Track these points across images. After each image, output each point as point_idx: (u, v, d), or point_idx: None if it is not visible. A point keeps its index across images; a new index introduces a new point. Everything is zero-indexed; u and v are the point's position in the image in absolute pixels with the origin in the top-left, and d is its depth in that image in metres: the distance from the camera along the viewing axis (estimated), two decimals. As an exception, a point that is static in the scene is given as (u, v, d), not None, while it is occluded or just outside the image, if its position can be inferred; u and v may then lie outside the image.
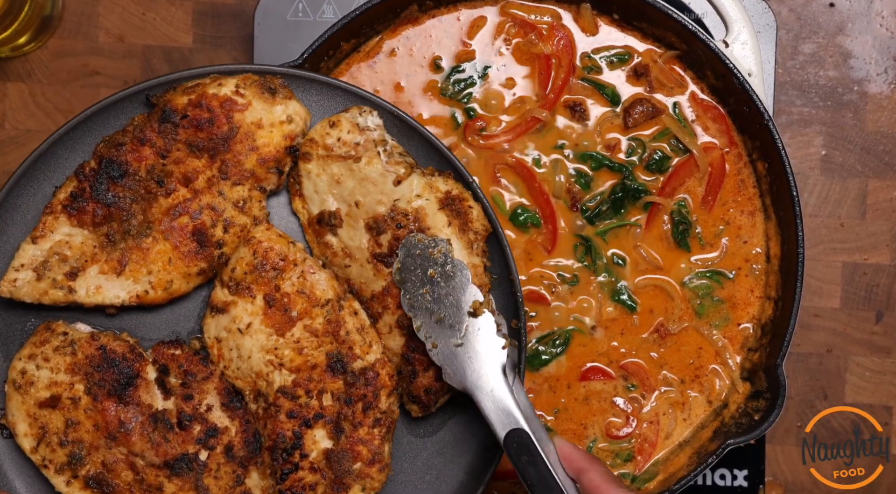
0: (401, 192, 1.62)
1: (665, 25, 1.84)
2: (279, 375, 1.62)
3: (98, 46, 1.99)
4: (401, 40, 1.88)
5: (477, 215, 1.63)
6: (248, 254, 1.63)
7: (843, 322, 1.98)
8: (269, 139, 1.63)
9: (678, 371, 1.86)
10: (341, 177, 1.64)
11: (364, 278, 1.65)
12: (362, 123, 1.64)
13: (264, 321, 1.61)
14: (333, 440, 1.61)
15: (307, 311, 1.62)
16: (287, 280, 1.62)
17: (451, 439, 1.69)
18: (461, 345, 1.57)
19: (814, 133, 1.98)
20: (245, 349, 1.62)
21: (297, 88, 1.67)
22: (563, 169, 1.85)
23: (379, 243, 1.62)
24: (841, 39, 1.99)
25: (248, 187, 1.63)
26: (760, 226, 1.87)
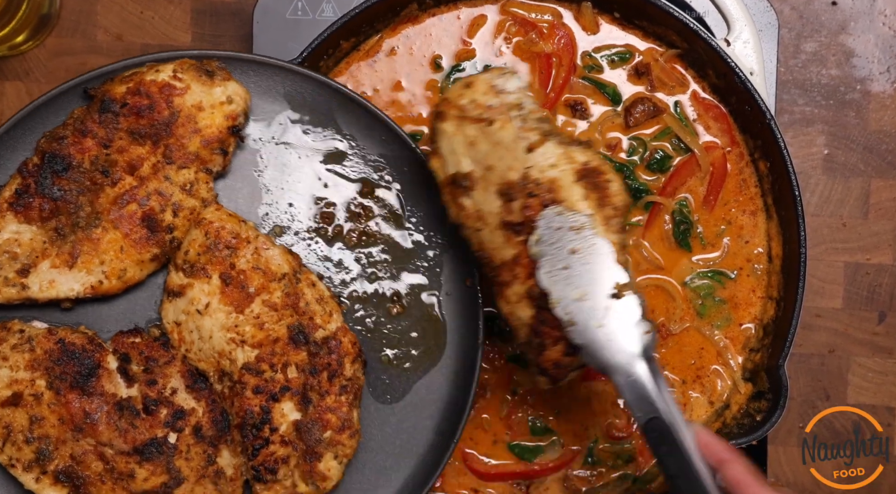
0: (534, 160, 1.56)
1: (666, 24, 1.83)
2: (242, 352, 1.63)
3: (96, 45, 1.98)
4: (400, 39, 1.88)
5: (616, 190, 1.57)
6: (200, 235, 1.65)
7: (846, 323, 1.97)
8: (211, 121, 1.65)
9: (679, 372, 1.86)
10: (475, 139, 1.59)
11: (494, 244, 1.60)
12: (499, 86, 1.59)
13: (222, 299, 1.64)
14: (302, 411, 1.62)
15: (264, 286, 1.64)
16: (241, 258, 1.64)
17: (417, 401, 1.72)
18: (601, 326, 1.52)
19: (816, 132, 1.98)
20: (205, 330, 1.64)
21: (235, 70, 1.70)
22: None
23: (510, 210, 1.57)
24: (843, 38, 1.98)
25: (193, 170, 1.66)
26: (762, 226, 1.87)
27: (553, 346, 1.57)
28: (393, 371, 1.73)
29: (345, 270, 1.74)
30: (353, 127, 1.74)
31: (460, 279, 1.73)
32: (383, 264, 1.74)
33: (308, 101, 1.73)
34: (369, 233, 1.74)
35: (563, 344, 1.57)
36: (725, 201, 1.86)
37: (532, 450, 1.85)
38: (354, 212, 1.74)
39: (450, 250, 1.73)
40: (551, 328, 1.56)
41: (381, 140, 1.73)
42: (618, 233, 1.56)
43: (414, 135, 1.85)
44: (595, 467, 1.85)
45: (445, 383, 1.72)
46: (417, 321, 1.73)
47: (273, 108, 1.73)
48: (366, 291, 1.74)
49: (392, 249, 1.74)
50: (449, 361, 1.73)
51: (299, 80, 1.72)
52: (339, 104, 1.73)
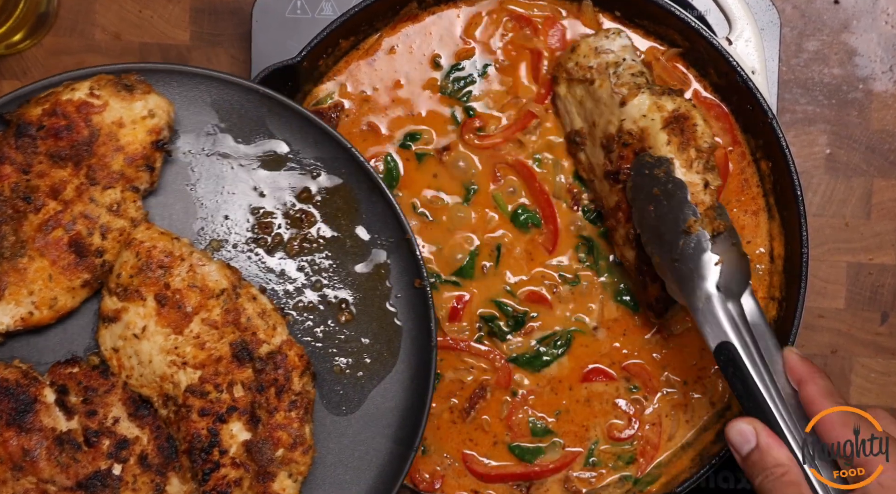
0: (627, 112, 1.71)
1: (667, 23, 1.83)
2: (184, 374, 1.60)
3: (94, 44, 1.98)
4: (400, 38, 1.87)
5: (702, 133, 1.68)
6: (131, 257, 1.61)
7: (848, 323, 1.97)
8: (134, 137, 1.61)
9: (681, 373, 1.86)
10: (583, 98, 1.77)
11: (603, 192, 1.79)
12: (601, 47, 1.75)
13: (159, 321, 1.59)
14: (251, 430, 1.59)
15: (202, 304, 1.60)
16: (176, 277, 1.60)
17: (374, 411, 1.70)
18: (677, 260, 1.64)
19: (818, 132, 1.97)
20: (144, 354, 1.60)
21: (157, 82, 1.66)
22: (563, 169, 1.85)
23: (610, 160, 1.73)
24: (846, 37, 1.98)
25: (119, 189, 1.61)
26: (764, 226, 1.86)
27: (652, 284, 1.74)
28: (346, 381, 1.70)
29: (288, 280, 1.71)
30: (286, 132, 1.70)
31: (409, 281, 1.70)
32: (328, 271, 1.71)
33: (237, 108, 1.69)
34: (311, 239, 1.71)
35: (661, 281, 1.71)
36: (727, 200, 1.86)
37: (532, 451, 1.85)
38: (295, 218, 1.71)
39: (397, 251, 1.70)
40: (650, 266, 1.72)
41: (315, 143, 1.70)
42: (702, 173, 1.68)
43: (413, 134, 1.85)
44: (596, 468, 1.85)
45: (401, 389, 1.69)
46: (368, 327, 1.70)
47: (201, 118, 1.69)
48: (312, 300, 1.71)
49: (336, 254, 1.71)
50: (403, 366, 1.70)
51: (226, 87, 1.68)
52: (270, 110, 1.69)
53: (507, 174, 1.85)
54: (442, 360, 1.84)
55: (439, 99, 1.86)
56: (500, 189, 1.85)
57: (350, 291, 1.71)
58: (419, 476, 1.83)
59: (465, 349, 1.84)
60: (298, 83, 1.81)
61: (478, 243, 1.84)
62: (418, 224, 1.84)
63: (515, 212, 1.85)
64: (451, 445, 1.85)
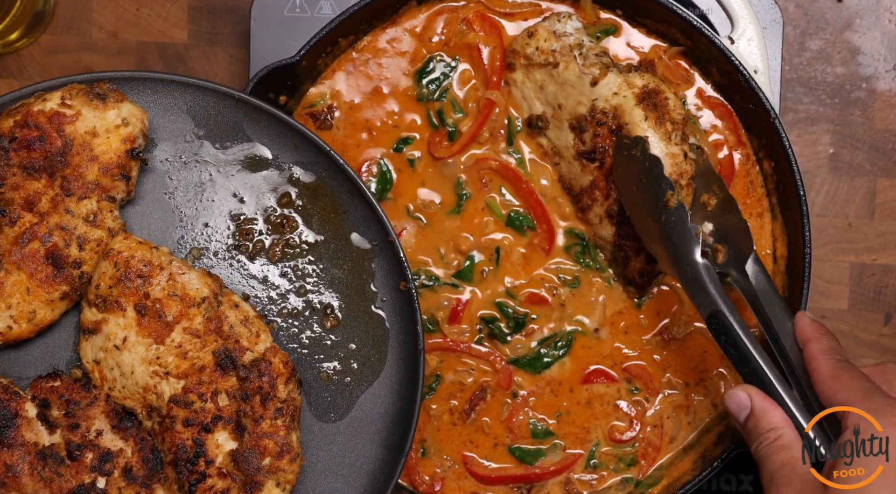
0: (598, 92, 1.74)
1: (669, 21, 1.83)
2: (167, 384, 1.59)
3: (91, 43, 1.98)
4: (386, 38, 1.86)
5: (674, 105, 1.73)
6: (109, 267, 1.60)
7: (851, 324, 1.97)
8: (108, 146, 1.60)
9: (682, 375, 1.85)
10: (544, 82, 1.79)
11: (573, 174, 1.80)
12: (559, 30, 1.77)
13: (140, 332, 1.59)
14: (237, 440, 1.58)
15: (183, 313, 1.59)
16: (156, 286, 1.59)
17: (362, 417, 1.69)
18: (662, 234, 1.66)
19: (821, 131, 1.97)
20: (126, 366, 1.59)
21: (131, 90, 1.66)
22: (545, 172, 1.85)
23: (582, 140, 1.76)
24: (849, 35, 1.98)
25: (95, 200, 1.61)
26: (767, 226, 1.86)
27: (636, 257, 1.78)
28: (334, 387, 1.69)
29: (272, 286, 1.70)
30: (264, 136, 1.69)
31: (394, 284, 1.69)
32: (312, 276, 1.70)
33: (213, 114, 1.69)
34: (294, 244, 1.70)
35: (644, 254, 1.76)
36: None
37: (533, 453, 1.84)
38: (276, 224, 1.70)
39: (381, 254, 1.69)
40: (630, 240, 1.76)
41: (294, 147, 1.69)
42: (680, 144, 1.73)
43: (406, 138, 1.84)
44: (597, 470, 1.84)
45: (390, 394, 1.69)
46: (354, 332, 1.70)
47: (177, 125, 1.69)
48: (296, 306, 1.70)
49: (320, 258, 1.70)
50: (391, 370, 1.69)
51: (202, 93, 1.68)
52: (247, 114, 1.68)
53: (492, 178, 1.85)
54: (442, 362, 1.83)
55: (417, 104, 1.85)
56: (493, 193, 1.84)
57: (335, 295, 1.70)
58: (419, 479, 1.83)
59: (466, 351, 1.84)
60: (297, 82, 1.81)
61: (475, 249, 1.84)
62: (414, 227, 1.84)
63: (510, 215, 1.84)
64: (450, 447, 1.84)
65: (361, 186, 1.68)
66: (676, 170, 1.72)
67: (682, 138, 1.74)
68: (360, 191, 1.68)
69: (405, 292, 1.68)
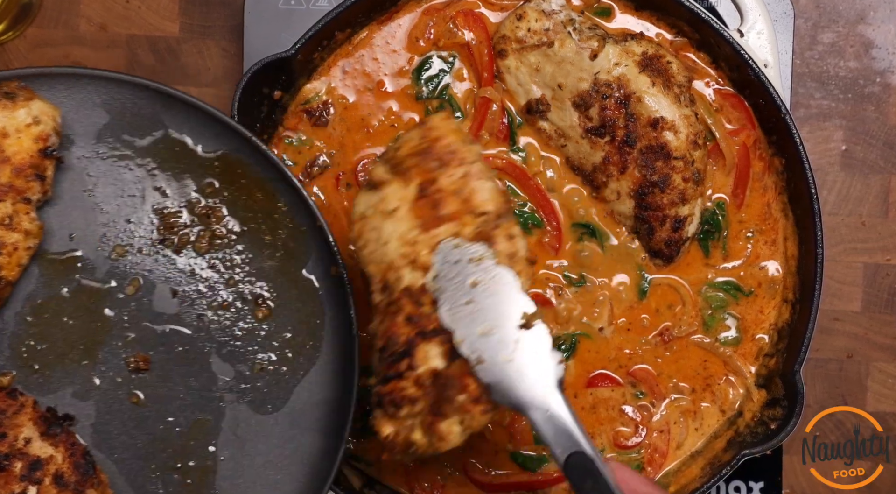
0: (599, 64, 1.76)
1: (676, 14, 1.83)
2: (409, 272, 1.52)
3: (79, 36, 1.97)
4: (383, 34, 1.86)
5: (677, 69, 1.75)
6: (416, 137, 1.55)
7: (865, 326, 1.96)
8: (20, 146, 1.59)
9: (689, 379, 1.85)
10: (539, 64, 1.79)
11: (582, 153, 1.81)
12: (547, 9, 1.78)
13: (411, 210, 1.53)
14: (446, 362, 1.50)
15: (458, 215, 1.51)
16: (448, 177, 1.52)
17: (300, 407, 1.70)
18: (511, 361, 1.46)
19: (833, 127, 1.97)
20: (385, 234, 1.54)
21: (41, 87, 1.65)
22: (552, 165, 1.85)
23: (588, 117, 1.78)
24: (862, 28, 1.97)
25: (10, 202, 1.59)
26: (780, 245, 1.86)
27: (661, 227, 1.79)
28: (269, 378, 1.70)
29: (200, 279, 1.70)
30: (183, 127, 1.69)
31: (326, 270, 1.70)
32: (241, 266, 1.71)
33: (129, 106, 1.68)
34: (220, 235, 1.70)
35: (669, 221, 1.78)
36: (747, 220, 1.86)
37: (536, 459, 1.84)
38: (201, 215, 1.70)
39: (310, 240, 1.70)
40: (653, 210, 1.78)
41: (214, 135, 1.69)
42: (689, 107, 1.77)
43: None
44: (602, 477, 1.84)
45: (327, 381, 1.70)
46: (287, 321, 1.71)
47: (92, 120, 1.68)
48: (227, 298, 1.70)
49: (248, 248, 1.71)
50: (327, 358, 1.71)
51: (115, 86, 1.67)
52: (164, 105, 1.68)
53: (500, 178, 1.85)
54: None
55: (416, 103, 1.85)
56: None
57: (266, 285, 1.71)
58: (418, 486, 1.83)
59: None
60: (292, 77, 1.80)
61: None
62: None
63: (514, 214, 1.84)
64: (450, 453, 1.82)
65: (286, 171, 1.68)
66: (692, 130, 1.76)
67: (690, 100, 1.78)
68: (285, 177, 1.68)
69: (337, 277, 1.69)
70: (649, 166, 1.77)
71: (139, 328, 1.69)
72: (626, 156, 1.77)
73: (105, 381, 1.68)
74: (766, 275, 1.85)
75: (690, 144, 1.76)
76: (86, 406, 1.68)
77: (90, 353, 1.68)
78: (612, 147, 1.78)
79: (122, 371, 1.68)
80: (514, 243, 1.52)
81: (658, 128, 1.76)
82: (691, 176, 1.78)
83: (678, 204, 1.78)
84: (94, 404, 1.68)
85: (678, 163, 1.77)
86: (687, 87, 1.78)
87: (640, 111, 1.76)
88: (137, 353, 1.68)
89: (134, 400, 1.69)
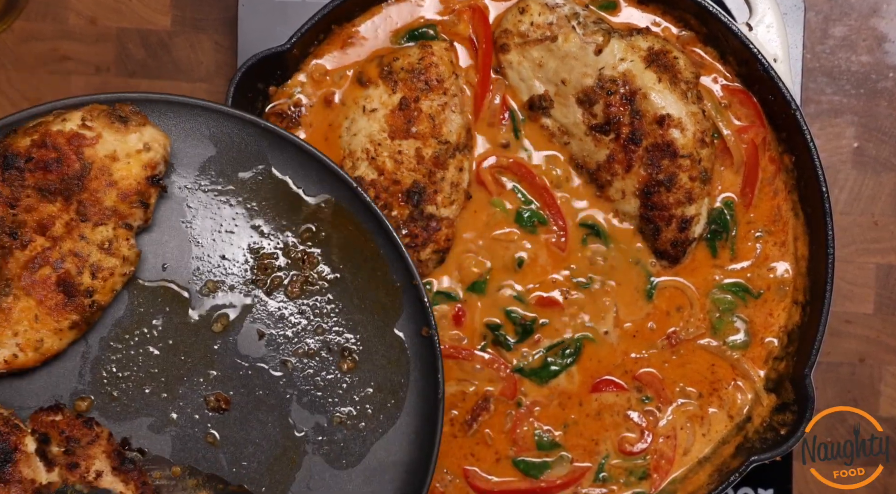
0: (604, 60, 1.76)
1: (683, 7, 1.83)
2: (365, 166, 1.76)
3: (68, 29, 1.97)
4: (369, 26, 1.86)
5: (684, 65, 1.77)
6: (415, 55, 1.76)
7: (877, 329, 1.96)
8: (128, 172, 1.60)
9: (696, 384, 1.85)
10: (542, 59, 1.79)
11: (586, 151, 1.81)
12: (551, 2, 1.78)
13: (387, 117, 1.76)
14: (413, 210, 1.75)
15: (425, 135, 1.74)
16: (429, 101, 1.75)
17: (376, 465, 1.69)
18: None
19: (845, 124, 1.97)
20: (357, 126, 1.77)
21: (152, 113, 1.66)
22: (558, 163, 1.85)
23: (593, 113, 1.78)
24: (875, 21, 1.97)
25: (111, 226, 1.61)
26: (791, 247, 1.86)
27: (667, 227, 1.79)
28: (347, 433, 1.69)
29: (288, 324, 1.70)
30: (287, 168, 1.69)
31: (416, 329, 1.69)
32: (331, 316, 1.70)
33: (237, 141, 1.68)
34: (313, 282, 1.70)
35: (675, 222, 1.78)
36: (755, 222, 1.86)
37: (538, 466, 1.84)
38: (296, 259, 1.70)
39: (404, 297, 1.69)
40: (659, 210, 1.78)
41: (318, 179, 1.69)
42: (696, 103, 1.77)
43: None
44: (606, 484, 1.84)
45: (406, 443, 1.68)
46: (371, 377, 1.69)
47: (198, 151, 1.68)
48: (313, 346, 1.70)
49: (339, 298, 1.70)
50: (408, 419, 1.69)
51: (225, 119, 1.68)
52: (271, 144, 1.68)
53: (503, 177, 1.85)
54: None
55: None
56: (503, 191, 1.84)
57: (353, 337, 1.70)
58: None
59: (467, 358, 1.83)
60: (287, 72, 1.80)
61: (490, 266, 1.84)
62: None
63: (519, 213, 1.84)
64: (451, 460, 1.84)
65: (387, 223, 1.68)
66: (699, 127, 1.76)
67: (697, 97, 1.77)
68: (385, 229, 1.68)
69: (427, 338, 1.68)
70: (655, 165, 1.77)
71: (223, 367, 1.68)
72: (632, 154, 1.77)
73: (182, 417, 1.67)
74: (776, 276, 1.85)
75: (698, 141, 1.76)
76: (160, 440, 1.67)
77: (170, 386, 1.67)
78: (617, 145, 1.78)
79: (200, 409, 1.67)
80: (461, 175, 1.79)
81: (664, 125, 1.76)
82: (698, 175, 1.78)
83: (685, 204, 1.78)
84: (169, 439, 1.67)
85: (685, 161, 1.77)
86: (694, 83, 1.77)
87: (646, 108, 1.76)
88: (218, 392, 1.68)
89: (210, 440, 1.67)
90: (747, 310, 1.85)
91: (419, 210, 1.76)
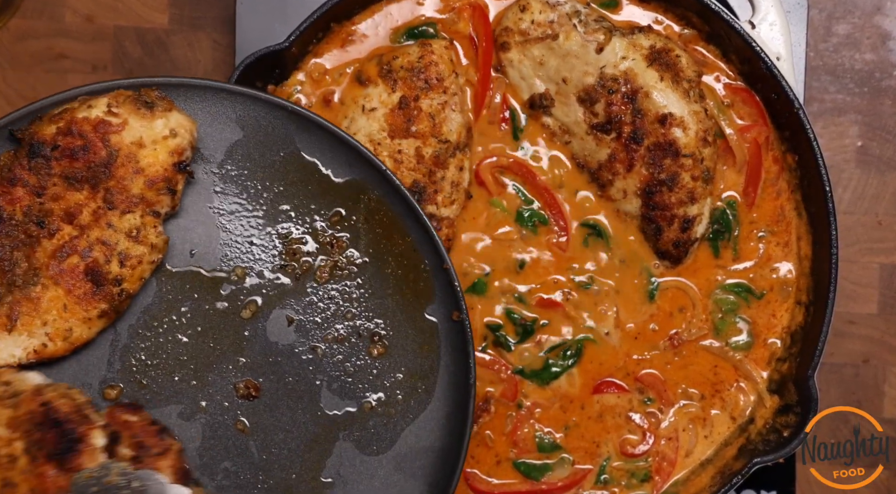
0: (605, 58, 1.76)
1: (685, 5, 1.83)
2: None
3: (64, 27, 1.97)
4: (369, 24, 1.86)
5: (686, 63, 1.77)
6: (415, 54, 1.76)
7: (882, 329, 1.96)
8: (155, 158, 1.60)
9: (698, 385, 1.85)
10: (543, 58, 1.79)
11: (587, 150, 1.81)
12: (552, 0, 1.78)
13: (387, 116, 1.75)
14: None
15: (425, 135, 1.74)
16: (429, 99, 1.75)
17: (406, 451, 1.68)
18: None
19: (849, 122, 1.97)
20: (356, 126, 1.77)
21: (178, 97, 1.65)
22: (559, 163, 1.85)
23: (594, 112, 1.78)
24: (879, 19, 1.97)
25: (139, 214, 1.61)
26: (794, 246, 1.86)
27: (669, 227, 1.79)
28: (378, 419, 1.68)
29: (317, 310, 1.69)
30: (315, 151, 1.69)
31: (447, 313, 1.68)
32: (360, 301, 1.70)
33: (263, 125, 1.68)
34: (342, 267, 1.69)
35: (677, 222, 1.78)
36: (758, 222, 1.86)
37: (539, 468, 1.84)
38: (325, 244, 1.69)
39: (434, 281, 1.69)
40: (661, 210, 1.78)
41: (346, 163, 1.69)
42: (699, 102, 1.77)
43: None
44: (608, 486, 1.84)
45: (437, 428, 1.68)
46: (402, 362, 1.69)
47: (225, 136, 1.68)
48: (342, 332, 1.69)
49: (368, 282, 1.70)
50: (439, 404, 1.68)
51: (252, 103, 1.67)
52: (299, 127, 1.68)
53: (504, 176, 1.85)
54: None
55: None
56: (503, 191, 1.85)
57: (383, 322, 1.70)
58: (417, 496, 1.83)
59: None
60: (286, 71, 1.80)
61: (489, 269, 1.84)
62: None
63: (519, 212, 1.84)
64: (451, 462, 1.84)
65: (416, 206, 1.67)
66: (702, 127, 1.75)
67: (699, 95, 1.78)
68: (415, 212, 1.68)
69: (458, 322, 1.68)
70: (657, 164, 1.77)
71: (252, 354, 1.68)
72: (633, 153, 1.77)
73: (212, 404, 1.67)
74: (779, 277, 1.85)
75: (700, 141, 1.76)
76: (190, 427, 1.66)
77: (200, 374, 1.67)
78: (619, 144, 1.78)
79: (230, 396, 1.67)
80: (461, 175, 1.79)
81: (666, 124, 1.75)
82: (701, 174, 1.78)
83: (687, 203, 1.78)
84: (199, 426, 1.66)
85: (687, 161, 1.76)
86: (696, 81, 1.77)
87: (648, 107, 1.76)
88: (248, 379, 1.67)
89: (240, 427, 1.67)
90: (750, 311, 1.85)
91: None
